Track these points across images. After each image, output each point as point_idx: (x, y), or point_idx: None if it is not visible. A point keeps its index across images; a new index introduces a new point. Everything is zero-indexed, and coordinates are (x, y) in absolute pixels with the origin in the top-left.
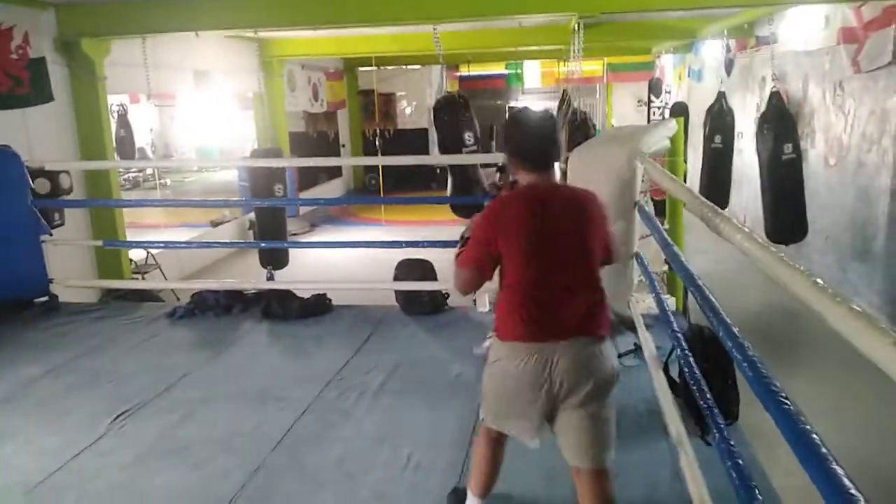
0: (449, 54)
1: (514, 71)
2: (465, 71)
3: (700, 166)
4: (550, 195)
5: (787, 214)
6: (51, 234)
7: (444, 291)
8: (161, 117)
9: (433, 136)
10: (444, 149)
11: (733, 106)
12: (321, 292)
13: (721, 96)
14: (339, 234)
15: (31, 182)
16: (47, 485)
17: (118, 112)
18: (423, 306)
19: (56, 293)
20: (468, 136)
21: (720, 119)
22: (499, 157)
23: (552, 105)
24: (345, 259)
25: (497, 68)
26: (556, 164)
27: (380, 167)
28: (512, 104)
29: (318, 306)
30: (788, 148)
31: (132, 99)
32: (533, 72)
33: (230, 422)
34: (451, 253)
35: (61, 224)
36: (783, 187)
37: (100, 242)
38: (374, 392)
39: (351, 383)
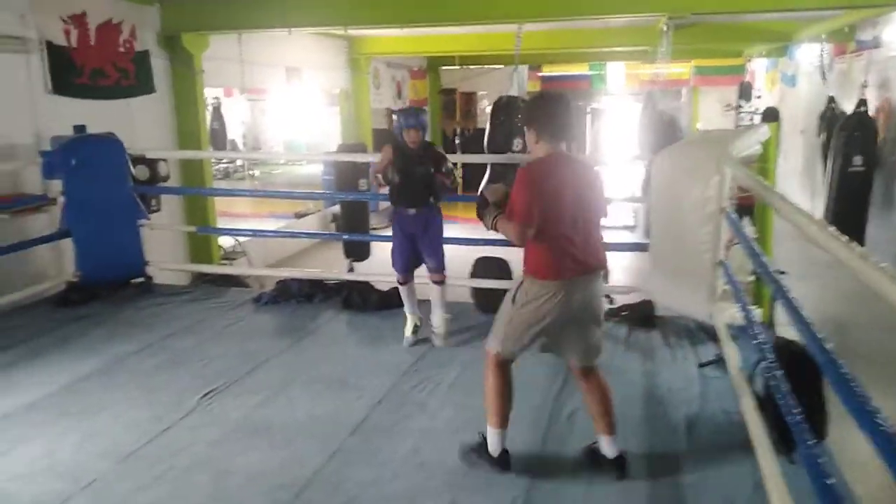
0: (531, 54)
1: (597, 72)
2: (548, 71)
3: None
4: (569, 162)
5: (844, 227)
6: (148, 219)
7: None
8: (253, 111)
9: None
10: (490, 148)
11: None
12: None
13: (832, 101)
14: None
15: (132, 169)
16: (139, 455)
17: (213, 105)
18: (499, 304)
19: (151, 275)
20: (517, 143)
21: (832, 121)
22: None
23: (637, 107)
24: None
25: (581, 69)
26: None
27: (459, 165)
28: (595, 106)
29: (396, 299)
30: (858, 160)
31: (226, 93)
32: (617, 73)
33: (309, 406)
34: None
35: (157, 210)
36: (847, 199)
37: (193, 228)
38: (449, 385)
39: (426, 375)
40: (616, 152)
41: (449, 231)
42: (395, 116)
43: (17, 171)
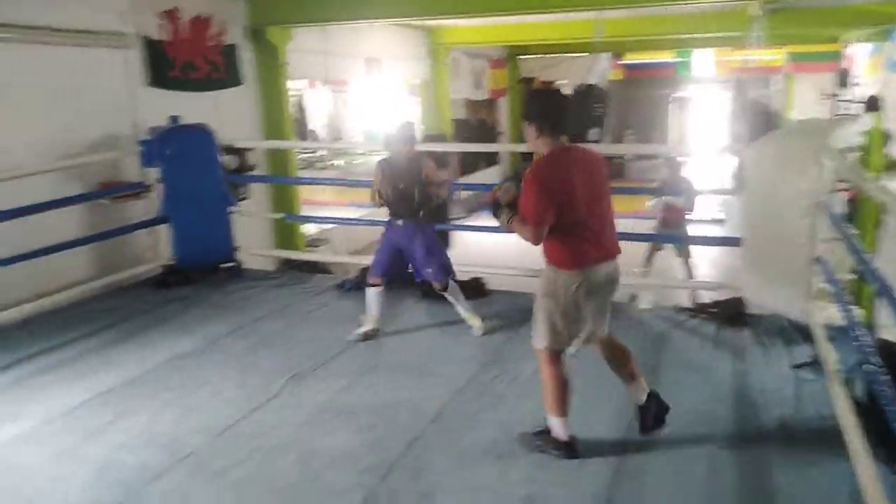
0: (614, 42)
1: (683, 59)
2: (630, 59)
3: None
4: (581, 154)
5: None
6: (238, 207)
7: None
8: (335, 102)
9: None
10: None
11: None
12: (477, 275)
13: None
14: (495, 220)
15: (222, 158)
16: (232, 431)
17: (296, 96)
18: None
19: (240, 260)
20: (593, 133)
21: None
22: (655, 148)
23: (726, 96)
24: (501, 245)
25: (664, 56)
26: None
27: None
28: (679, 94)
29: (475, 289)
30: None
31: (310, 84)
32: (704, 60)
33: (390, 392)
34: None
35: (246, 198)
36: None
37: (281, 216)
38: (528, 378)
39: (505, 368)
40: (702, 142)
41: None
42: (385, 136)
43: (118, 159)
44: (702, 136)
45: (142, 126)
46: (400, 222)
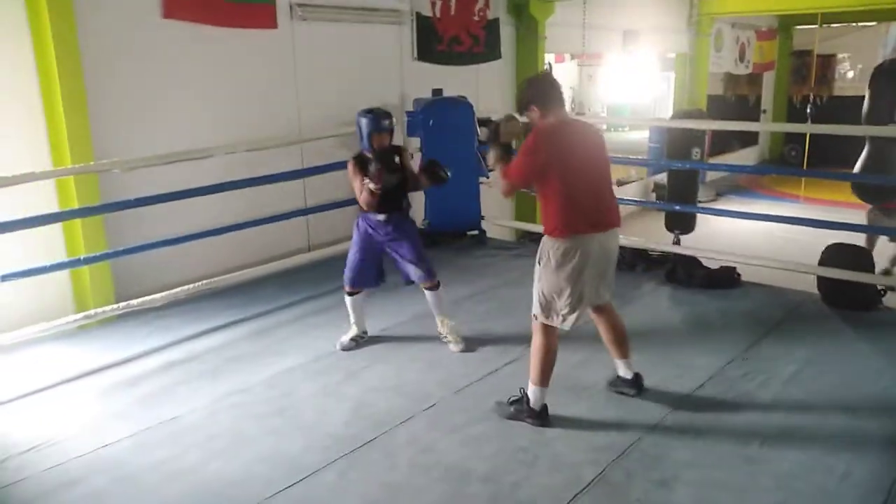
0: None
1: None
2: None
3: None
4: (577, 125)
5: None
6: (487, 178)
7: (880, 287)
8: (580, 76)
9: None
10: (870, 120)
11: None
12: (730, 265)
13: None
14: (747, 205)
15: (477, 129)
16: (470, 391)
17: (545, 69)
18: (852, 300)
19: (485, 229)
20: None
21: None
22: None
23: None
24: (750, 233)
25: None
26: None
27: (807, 136)
28: None
29: (726, 279)
30: None
31: (557, 59)
32: None
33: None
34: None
35: (493, 169)
36: None
37: (527, 190)
38: (785, 381)
39: (757, 366)
40: None
41: (787, 210)
42: (363, 119)
43: None
44: None
45: (408, 97)
46: (382, 217)
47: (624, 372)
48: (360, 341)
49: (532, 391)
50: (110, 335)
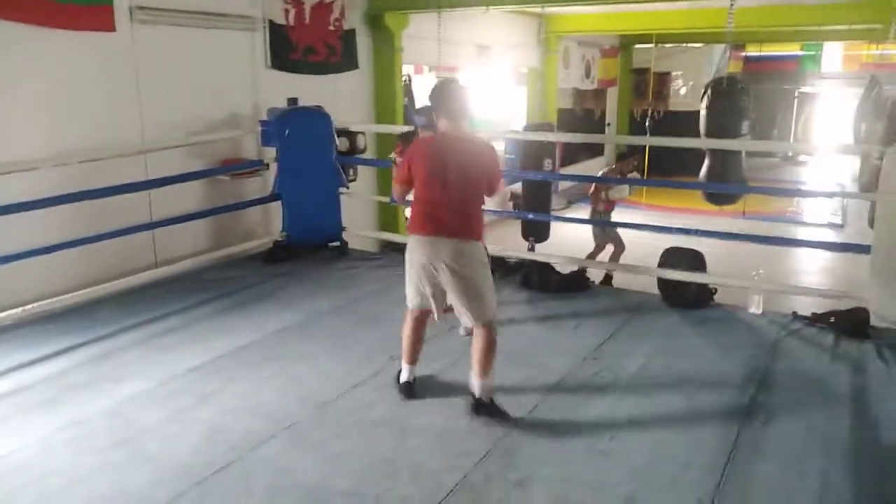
0: (737, 32)
1: (811, 53)
2: (752, 51)
3: None
4: (453, 140)
5: None
6: (347, 188)
7: (712, 286)
8: None
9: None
10: (710, 134)
11: None
12: (580, 269)
13: None
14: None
15: (336, 140)
16: (332, 406)
17: (404, 81)
18: (687, 299)
19: (346, 240)
20: (745, 125)
21: None
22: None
23: (857, 92)
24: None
25: (788, 49)
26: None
27: (647, 148)
28: (804, 90)
29: (577, 283)
30: None
31: (416, 70)
32: (832, 54)
33: None
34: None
35: (354, 180)
36: None
37: (387, 199)
38: (631, 376)
39: (606, 364)
40: (823, 141)
41: (630, 217)
42: (418, 118)
43: (239, 138)
44: (823, 135)
45: (262, 106)
46: None
47: (475, 387)
48: None
49: (404, 368)
50: None
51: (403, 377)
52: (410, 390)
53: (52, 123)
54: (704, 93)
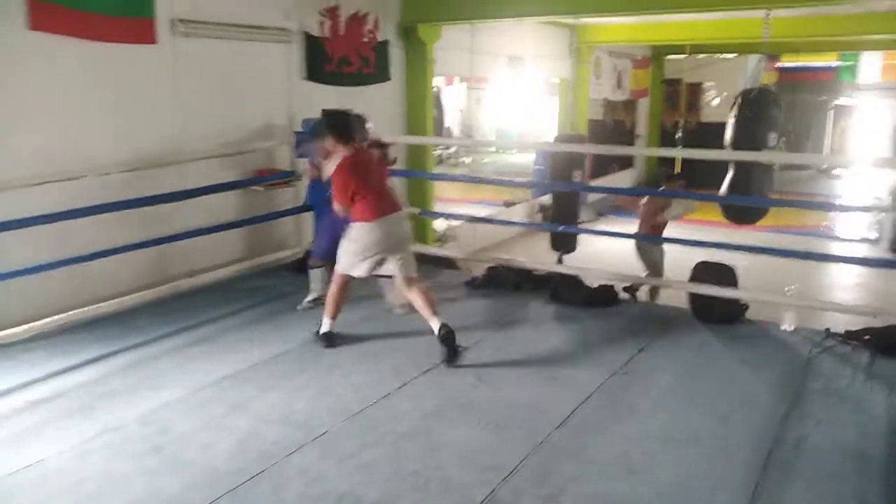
0: (772, 42)
1: (848, 63)
2: (786, 62)
3: None
4: (365, 154)
5: None
6: None
7: (743, 302)
8: (468, 100)
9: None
10: (737, 145)
11: None
12: (609, 283)
13: None
14: (626, 225)
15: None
16: (362, 416)
17: (434, 93)
18: (718, 314)
19: None
20: (772, 137)
21: None
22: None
23: (894, 104)
24: (628, 252)
25: (824, 59)
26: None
27: (678, 160)
28: (840, 101)
29: (605, 297)
30: None
31: (447, 81)
32: (870, 65)
33: (518, 393)
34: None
35: None
36: None
37: (417, 211)
38: (661, 391)
39: (636, 378)
40: (861, 154)
41: (666, 230)
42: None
43: (273, 149)
44: (860, 147)
45: (296, 118)
46: None
47: (436, 326)
48: (321, 301)
49: (325, 322)
50: None
51: (325, 329)
52: (331, 339)
53: (95, 134)
54: (734, 103)
